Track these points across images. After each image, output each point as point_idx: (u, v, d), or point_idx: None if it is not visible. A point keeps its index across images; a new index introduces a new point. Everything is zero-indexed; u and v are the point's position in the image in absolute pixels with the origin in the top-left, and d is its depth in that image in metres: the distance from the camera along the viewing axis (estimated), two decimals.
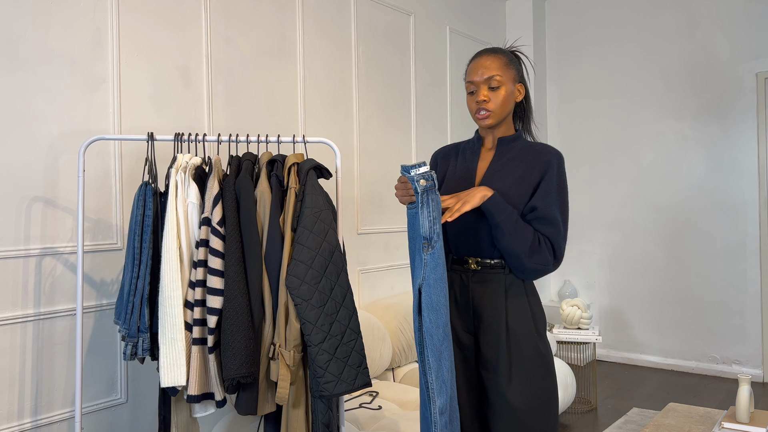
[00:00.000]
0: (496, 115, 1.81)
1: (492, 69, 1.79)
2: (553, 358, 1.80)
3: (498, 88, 1.79)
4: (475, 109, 1.82)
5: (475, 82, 1.81)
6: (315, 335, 1.89)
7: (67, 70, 2.40)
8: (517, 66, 1.85)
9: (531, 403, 1.71)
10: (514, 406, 1.70)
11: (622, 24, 5.02)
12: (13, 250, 2.25)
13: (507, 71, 1.80)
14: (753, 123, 4.48)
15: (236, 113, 3.04)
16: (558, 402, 1.79)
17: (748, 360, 4.53)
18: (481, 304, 1.78)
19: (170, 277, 1.90)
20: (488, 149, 1.88)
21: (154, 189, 2.04)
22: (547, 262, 1.72)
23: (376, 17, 3.92)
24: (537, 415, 1.72)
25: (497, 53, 1.82)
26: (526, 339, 1.74)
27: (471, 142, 1.93)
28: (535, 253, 1.70)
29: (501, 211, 1.69)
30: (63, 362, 2.38)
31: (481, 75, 1.79)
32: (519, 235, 1.69)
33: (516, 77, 1.83)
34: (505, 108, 1.82)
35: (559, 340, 4.05)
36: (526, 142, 1.86)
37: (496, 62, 1.80)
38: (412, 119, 4.24)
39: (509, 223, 1.69)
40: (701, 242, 4.69)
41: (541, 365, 1.74)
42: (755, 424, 2.49)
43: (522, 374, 1.72)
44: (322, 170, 2.05)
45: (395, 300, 3.58)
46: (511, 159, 1.82)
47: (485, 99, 1.79)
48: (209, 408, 2.08)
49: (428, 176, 1.63)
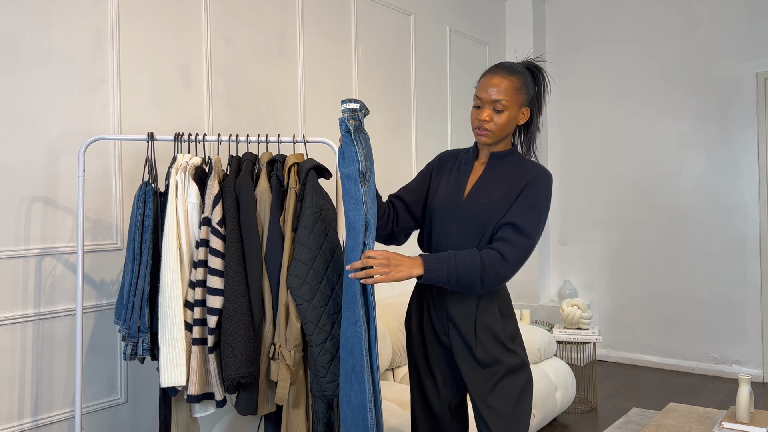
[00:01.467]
0: (494, 136, 1.83)
1: (501, 92, 1.79)
2: (527, 364, 1.85)
3: (502, 111, 1.80)
4: (476, 125, 1.84)
5: (482, 99, 1.82)
6: (317, 335, 1.89)
7: (67, 70, 2.40)
8: (529, 90, 1.84)
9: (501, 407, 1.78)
10: (489, 405, 1.78)
11: (622, 24, 5.02)
12: (13, 250, 2.25)
13: (516, 96, 1.80)
14: (753, 123, 4.48)
15: (236, 113, 3.04)
16: (530, 405, 1.85)
17: (748, 360, 4.53)
18: (454, 310, 1.83)
19: (170, 277, 1.90)
20: (481, 162, 1.91)
21: (154, 189, 2.04)
22: (501, 277, 1.73)
23: (376, 17, 3.91)
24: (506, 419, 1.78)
25: (512, 75, 1.81)
26: (492, 346, 1.79)
27: (468, 153, 1.96)
28: (486, 278, 1.71)
29: (439, 279, 1.71)
30: (63, 362, 2.37)
31: (488, 95, 1.80)
32: (464, 283, 1.71)
33: (524, 102, 1.84)
34: (506, 131, 1.84)
35: (559, 340, 4.05)
36: (519, 158, 1.88)
37: (507, 86, 1.79)
38: (412, 119, 4.24)
39: (451, 281, 1.71)
40: (701, 242, 4.69)
41: (506, 373, 1.79)
42: (755, 424, 2.49)
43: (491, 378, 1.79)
44: (322, 170, 2.05)
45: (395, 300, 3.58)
46: (500, 175, 1.85)
47: (487, 120, 1.80)
48: (209, 408, 2.08)
49: (356, 116, 1.73)
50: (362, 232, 1.71)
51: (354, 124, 1.73)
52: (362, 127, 1.74)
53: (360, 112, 1.74)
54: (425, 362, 1.92)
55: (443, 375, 1.90)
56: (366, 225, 1.71)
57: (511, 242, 1.72)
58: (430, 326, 1.89)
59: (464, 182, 1.89)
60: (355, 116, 1.73)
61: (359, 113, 1.74)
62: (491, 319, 1.80)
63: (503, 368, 1.79)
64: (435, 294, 1.87)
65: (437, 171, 2.00)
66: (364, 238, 1.71)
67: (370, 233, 1.71)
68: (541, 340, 3.69)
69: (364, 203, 1.71)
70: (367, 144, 1.74)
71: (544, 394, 3.42)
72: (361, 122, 1.74)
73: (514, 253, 1.72)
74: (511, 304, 1.90)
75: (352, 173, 1.72)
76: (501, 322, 1.82)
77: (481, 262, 1.70)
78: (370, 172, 1.73)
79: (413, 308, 1.97)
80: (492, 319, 1.80)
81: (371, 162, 1.74)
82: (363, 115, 1.75)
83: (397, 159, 4.09)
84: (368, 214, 1.71)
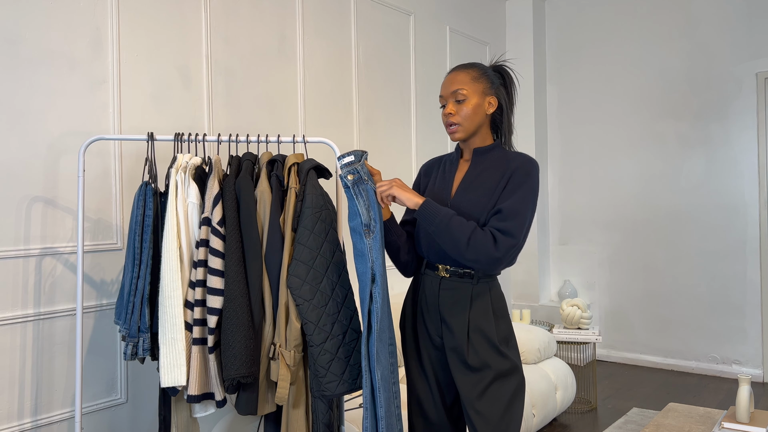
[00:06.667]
0: (464, 129, 1.84)
1: (457, 83, 1.83)
2: (519, 368, 1.83)
3: (463, 101, 1.82)
4: (445, 123, 1.86)
5: (443, 96, 1.86)
6: (317, 335, 1.89)
7: (66, 69, 2.40)
8: (491, 79, 1.86)
9: (489, 412, 1.76)
10: (477, 410, 1.76)
11: (622, 24, 5.02)
12: (13, 250, 2.25)
13: (474, 85, 1.82)
14: (753, 123, 4.48)
15: (236, 113, 3.04)
16: (521, 410, 1.82)
17: (748, 360, 4.53)
18: (447, 311, 1.83)
19: (170, 277, 1.90)
20: (466, 160, 1.92)
21: (154, 189, 2.04)
22: (489, 256, 1.69)
23: (376, 17, 3.91)
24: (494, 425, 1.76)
25: (467, 68, 1.86)
26: (484, 350, 1.78)
27: (452, 155, 1.98)
28: (473, 245, 1.68)
29: (431, 221, 1.72)
30: (63, 362, 2.37)
31: (446, 89, 1.85)
32: (451, 236, 1.70)
33: (486, 90, 1.84)
34: (473, 121, 1.84)
35: (559, 340, 4.05)
36: (502, 152, 1.88)
37: (463, 77, 1.84)
38: (412, 119, 4.24)
39: (441, 227, 1.71)
40: (701, 242, 4.69)
41: (495, 378, 1.77)
42: (755, 424, 2.49)
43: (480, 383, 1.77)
44: (322, 170, 2.05)
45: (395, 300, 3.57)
46: (485, 169, 1.85)
47: (451, 112, 1.83)
48: (209, 408, 2.08)
49: (354, 170, 1.74)
50: (369, 284, 1.74)
51: (352, 178, 1.74)
52: (362, 180, 1.75)
53: (357, 164, 1.75)
54: (419, 365, 1.92)
55: (437, 377, 1.89)
56: (373, 277, 1.74)
57: (500, 229, 1.70)
58: (424, 328, 1.89)
59: (450, 181, 1.90)
60: (353, 170, 1.74)
61: (356, 165, 1.75)
62: (484, 321, 1.79)
63: (491, 373, 1.76)
64: (428, 294, 1.87)
65: (424, 178, 2.02)
66: (371, 291, 1.74)
67: (377, 286, 1.74)
68: (541, 340, 3.69)
69: (369, 256, 1.74)
70: (369, 195, 1.76)
71: (544, 394, 3.42)
72: (360, 174, 1.75)
73: (505, 240, 1.68)
74: (506, 304, 1.88)
75: (357, 227, 1.76)
76: (494, 324, 1.80)
77: (473, 230, 1.69)
78: (374, 222, 1.75)
79: (407, 310, 1.97)
80: (485, 321, 1.79)
81: (375, 212, 1.75)
82: (361, 166, 1.75)
83: (397, 159, 4.09)
84: (374, 266, 1.74)
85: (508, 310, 1.88)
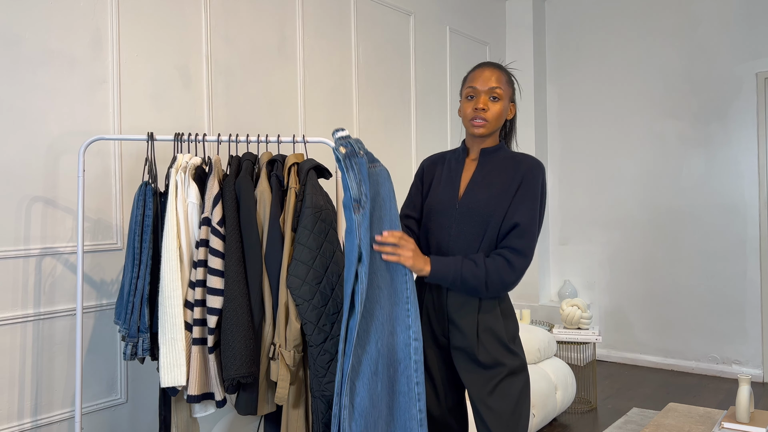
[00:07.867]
0: (490, 126, 1.85)
1: (495, 80, 1.84)
2: (526, 365, 1.86)
3: (497, 100, 1.84)
4: (472, 116, 1.84)
5: (477, 89, 1.84)
6: (316, 335, 1.89)
7: (67, 70, 2.40)
8: (514, 88, 1.92)
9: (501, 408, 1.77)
10: (489, 406, 1.77)
11: (622, 24, 5.02)
12: (13, 250, 2.25)
13: (507, 87, 1.87)
14: (753, 123, 4.48)
15: (236, 113, 3.04)
16: (529, 405, 1.85)
17: (748, 360, 4.53)
18: (455, 313, 1.83)
19: (170, 277, 1.90)
20: (472, 159, 1.92)
21: (154, 189, 2.04)
22: (506, 284, 1.76)
23: (376, 17, 3.91)
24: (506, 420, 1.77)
25: (501, 69, 1.88)
26: (494, 348, 1.79)
27: (457, 152, 1.96)
28: (491, 285, 1.74)
29: (444, 281, 1.76)
30: (63, 362, 2.37)
31: (484, 84, 1.83)
32: (468, 287, 1.75)
33: (512, 96, 1.91)
34: (499, 122, 1.87)
35: (559, 340, 4.05)
36: (508, 152, 1.91)
37: (501, 76, 1.86)
38: (412, 119, 4.24)
39: (456, 284, 1.75)
40: (701, 242, 4.69)
41: (507, 374, 1.79)
42: (755, 424, 2.49)
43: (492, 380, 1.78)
44: (322, 170, 2.05)
45: None
46: (492, 169, 1.86)
47: (484, 108, 1.82)
48: (209, 408, 2.08)
49: (347, 143, 1.70)
50: (356, 262, 1.65)
51: (344, 151, 1.70)
52: (355, 153, 1.70)
53: (351, 138, 1.72)
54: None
55: (440, 377, 1.89)
56: (359, 256, 1.65)
57: (517, 250, 1.75)
58: (428, 328, 1.89)
59: (457, 181, 1.89)
60: (345, 143, 1.71)
61: (349, 139, 1.71)
62: (493, 321, 1.80)
63: (505, 370, 1.78)
64: (435, 295, 1.87)
65: (427, 174, 2.00)
66: (357, 269, 1.65)
67: (363, 265, 1.64)
68: (541, 340, 3.69)
69: (357, 233, 1.65)
70: (362, 169, 1.69)
71: (544, 394, 3.42)
72: (353, 147, 1.70)
73: (520, 260, 1.74)
74: (512, 304, 1.90)
75: (347, 201, 1.69)
76: (503, 323, 1.82)
77: (486, 270, 1.73)
78: (365, 197, 1.66)
79: None
80: (494, 321, 1.80)
81: (366, 188, 1.67)
82: (355, 140, 1.72)
83: (397, 159, 4.09)
84: (361, 244, 1.65)
85: (513, 308, 1.90)
